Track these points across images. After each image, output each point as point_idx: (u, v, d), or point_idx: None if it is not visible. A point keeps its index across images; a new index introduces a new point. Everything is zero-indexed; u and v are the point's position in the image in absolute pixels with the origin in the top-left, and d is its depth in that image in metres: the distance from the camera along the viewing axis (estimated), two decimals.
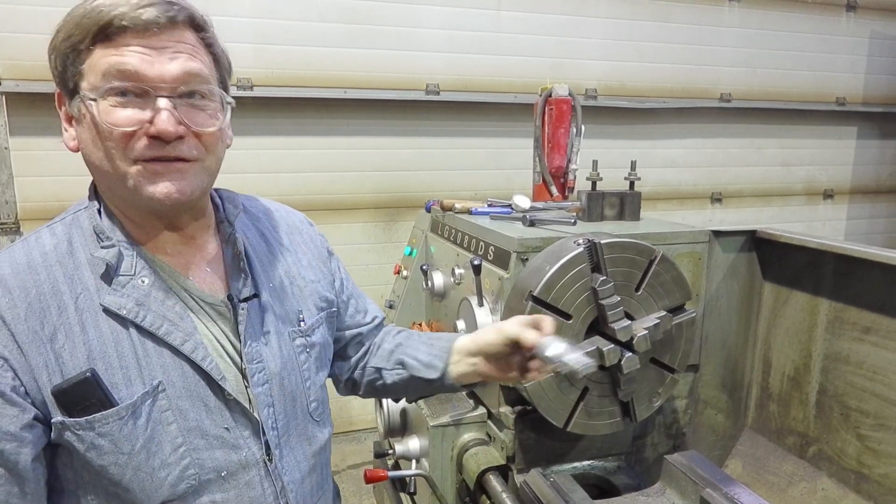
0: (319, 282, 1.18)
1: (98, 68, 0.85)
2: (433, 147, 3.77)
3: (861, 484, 1.74)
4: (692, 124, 4.36)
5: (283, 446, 1.04)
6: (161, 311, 0.92)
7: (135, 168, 0.88)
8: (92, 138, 0.88)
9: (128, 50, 0.85)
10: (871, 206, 5.05)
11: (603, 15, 3.96)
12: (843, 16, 4.57)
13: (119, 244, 0.92)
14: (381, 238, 3.79)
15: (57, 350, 0.86)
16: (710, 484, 1.33)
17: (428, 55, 3.62)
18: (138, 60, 0.85)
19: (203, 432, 0.95)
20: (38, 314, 0.86)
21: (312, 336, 1.12)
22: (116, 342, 0.89)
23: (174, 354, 0.92)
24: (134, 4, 0.84)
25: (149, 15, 0.85)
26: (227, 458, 0.97)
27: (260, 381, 1.00)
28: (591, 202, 1.88)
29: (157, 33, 0.86)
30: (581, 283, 1.39)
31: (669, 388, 1.55)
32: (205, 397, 0.95)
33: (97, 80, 0.85)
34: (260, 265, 1.07)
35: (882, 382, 1.68)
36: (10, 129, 3.01)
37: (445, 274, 1.96)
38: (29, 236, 0.93)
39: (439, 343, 1.25)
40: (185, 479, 0.94)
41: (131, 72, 0.85)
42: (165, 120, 0.86)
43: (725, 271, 1.98)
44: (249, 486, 0.99)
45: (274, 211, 1.20)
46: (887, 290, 1.66)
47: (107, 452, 0.88)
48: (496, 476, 1.58)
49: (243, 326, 0.99)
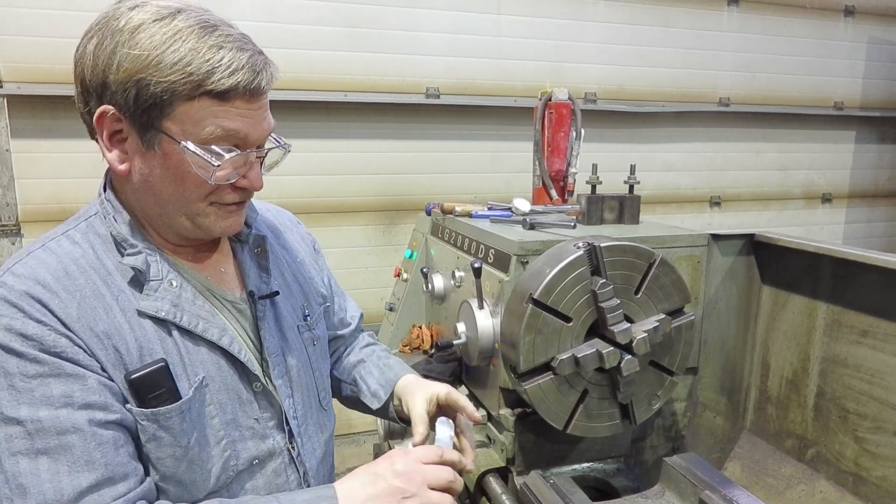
0: (314, 278, 1.25)
1: (200, 121, 0.87)
2: (433, 150, 3.78)
3: (859, 486, 1.74)
4: (691, 128, 4.37)
5: (303, 434, 1.10)
6: (194, 311, 0.96)
7: (210, 208, 0.94)
8: (173, 177, 0.90)
9: (236, 113, 0.88)
10: (869, 210, 5.07)
11: (602, 19, 3.97)
12: (841, 21, 4.59)
13: (143, 251, 0.94)
14: (381, 241, 3.79)
15: (115, 345, 0.89)
16: (709, 486, 1.34)
17: (428, 59, 3.64)
18: (246, 125, 0.90)
19: (238, 424, 1.00)
20: (88, 314, 0.88)
21: (316, 329, 1.19)
22: (161, 341, 0.93)
23: (211, 350, 0.97)
24: (250, 70, 0.87)
25: (263, 83, 0.89)
26: (257, 448, 1.02)
27: (280, 374, 1.06)
28: (590, 205, 1.89)
29: (261, 96, 0.91)
30: (581, 286, 1.40)
31: (668, 390, 1.55)
32: (238, 390, 1.00)
33: (199, 133, 0.87)
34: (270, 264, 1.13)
35: (880, 385, 1.68)
36: (11, 131, 3.01)
37: (445, 277, 1.97)
38: (47, 243, 0.93)
39: (389, 373, 1.31)
40: (227, 471, 0.98)
41: (240, 137, 0.90)
42: (257, 177, 0.95)
43: (724, 274, 1.99)
44: (276, 474, 1.05)
45: (267, 211, 1.24)
46: (885, 294, 1.67)
47: (166, 445, 0.91)
48: (496, 478, 1.58)
49: (263, 322, 1.04)
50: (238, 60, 0.86)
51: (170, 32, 0.84)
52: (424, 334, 2.08)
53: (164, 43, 0.83)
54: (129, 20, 0.85)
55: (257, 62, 0.89)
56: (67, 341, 0.85)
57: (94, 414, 0.84)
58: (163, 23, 0.84)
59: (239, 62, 0.86)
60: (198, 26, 0.85)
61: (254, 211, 1.13)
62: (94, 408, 0.85)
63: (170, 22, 0.85)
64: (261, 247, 1.09)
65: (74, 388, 0.84)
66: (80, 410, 0.83)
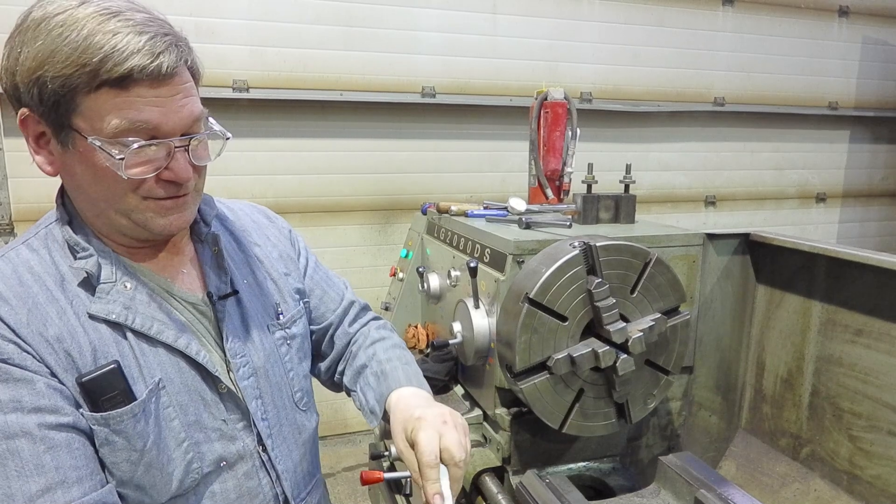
0: (291, 274, 1.21)
1: (106, 115, 0.82)
2: (429, 150, 3.78)
3: (853, 485, 1.75)
4: (686, 128, 4.39)
5: (275, 436, 1.07)
6: (149, 313, 0.95)
7: (144, 204, 0.90)
8: (92, 175, 0.87)
9: (142, 102, 0.83)
10: (863, 209, 5.09)
11: (597, 19, 3.98)
12: (835, 21, 4.62)
13: (97, 253, 0.94)
14: (376, 240, 3.79)
15: (66, 349, 0.88)
16: (705, 485, 1.34)
17: (424, 58, 3.63)
18: (156, 115, 0.84)
19: (202, 426, 0.98)
20: (39, 319, 0.87)
21: (292, 328, 1.15)
22: (117, 343, 0.92)
23: (169, 352, 0.95)
24: (147, 52, 0.81)
25: (165, 65, 0.82)
26: (225, 450, 1.01)
27: (245, 375, 1.04)
28: (586, 205, 1.89)
29: (168, 80, 0.84)
30: (577, 286, 1.40)
31: (664, 389, 1.56)
32: (201, 391, 0.98)
33: (104, 127, 0.82)
34: (233, 263, 1.10)
35: (874, 384, 1.69)
36: (4, 129, 3.00)
37: (441, 276, 1.96)
38: (7, 252, 0.93)
39: (382, 386, 1.18)
40: (191, 473, 0.97)
41: (149, 128, 0.84)
42: (183, 168, 0.89)
43: (719, 274, 1.99)
44: (247, 477, 1.03)
45: (238, 209, 1.23)
46: (879, 293, 1.68)
47: (120, 449, 0.90)
48: (492, 477, 1.58)
49: (224, 322, 1.03)
50: (133, 44, 0.80)
51: (69, 22, 0.80)
52: (420, 334, 2.08)
53: (61, 35, 0.79)
54: (33, 17, 0.83)
55: (157, 44, 0.82)
56: (15, 347, 0.84)
57: (44, 417, 0.83)
58: (64, 15, 0.80)
59: (134, 46, 0.80)
60: (98, 13, 0.81)
61: (212, 208, 1.09)
62: (44, 411, 0.83)
63: (72, 13, 0.81)
64: (217, 245, 1.06)
65: (23, 392, 0.83)
66: (29, 415, 0.82)
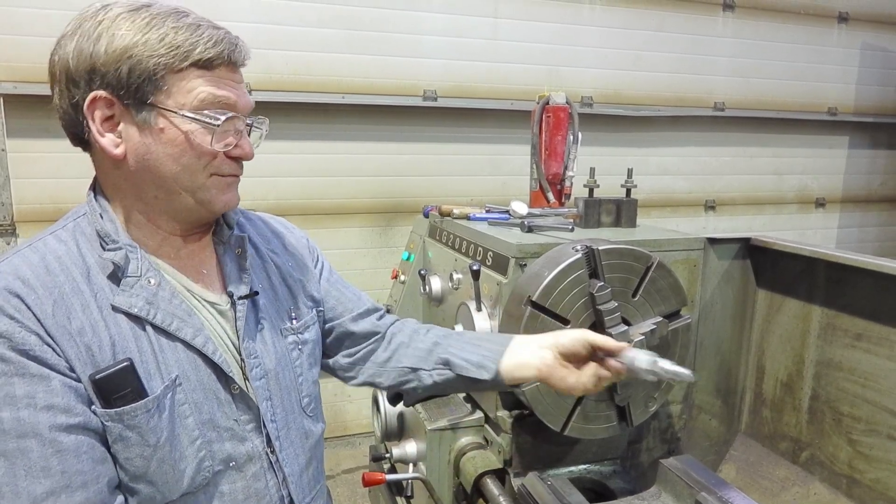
0: (308, 281, 1.23)
1: (192, 90, 0.92)
2: (430, 153, 3.79)
3: (853, 488, 1.76)
4: (686, 132, 4.40)
5: (283, 439, 1.09)
6: (170, 309, 0.96)
7: (210, 181, 0.98)
8: (171, 151, 0.94)
9: (223, 82, 0.95)
10: (862, 214, 5.11)
11: (598, 24, 4.00)
12: (834, 27, 4.63)
13: (125, 247, 0.95)
14: (377, 243, 3.80)
15: (87, 343, 0.89)
16: (705, 488, 1.35)
17: (426, 62, 3.65)
18: (234, 94, 0.96)
19: (215, 425, 0.99)
20: (64, 311, 0.88)
21: (304, 334, 1.17)
22: (136, 338, 0.93)
23: (187, 349, 0.97)
24: (228, 42, 0.95)
25: (240, 54, 0.97)
26: (235, 450, 1.02)
27: (257, 376, 1.05)
28: (588, 209, 1.90)
29: (239, 69, 0.99)
30: (579, 289, 1.41)
31: (665, 392, 1.56)
32: (216, 390, 1.00)
33: (190, 101, 0.92)
34: (252, 266, 1.12)
35: (873, 388, 1.70)
36: (7, 130, 3.01)
37: (443, 279, 1.97)
38: (34, 242, 0.95)
39: (488, 345, 1.25)
40: (202, 472, 0.98)
41: (229, 104, 0.96)
42: (250, 146, 1.02)
43: (720, 278, 2.00)
44: (255, 478, 1.04)
45: (255, 219, 1.26)
46: (879, 298, 1.69)
47: (133, 444, 0.91)
48: (493, 480, 1.59)
49: (241, 323, 1.04)
50: (217, 35, 0.94)
51: (148, 18, 0.90)
52: None
53: (147, 26, 0.90)
54: (106, 14, 0.91)
55: (232, 38, 0.96)
56: (37, 339, 0.85)
57: (56, 418, 0.84)
58: (138, 13, 0.91)
59: (219, 36, 0.94)
60: (172, 13, 0.93)
61: (234, 213, 1.13)
62: (56, 410, 0.84)
63: (145, 11, 0.91)
64: (241, 247, 1.10)
65: (38, 388, 0.84)
66: (41, 412, 0.83)
